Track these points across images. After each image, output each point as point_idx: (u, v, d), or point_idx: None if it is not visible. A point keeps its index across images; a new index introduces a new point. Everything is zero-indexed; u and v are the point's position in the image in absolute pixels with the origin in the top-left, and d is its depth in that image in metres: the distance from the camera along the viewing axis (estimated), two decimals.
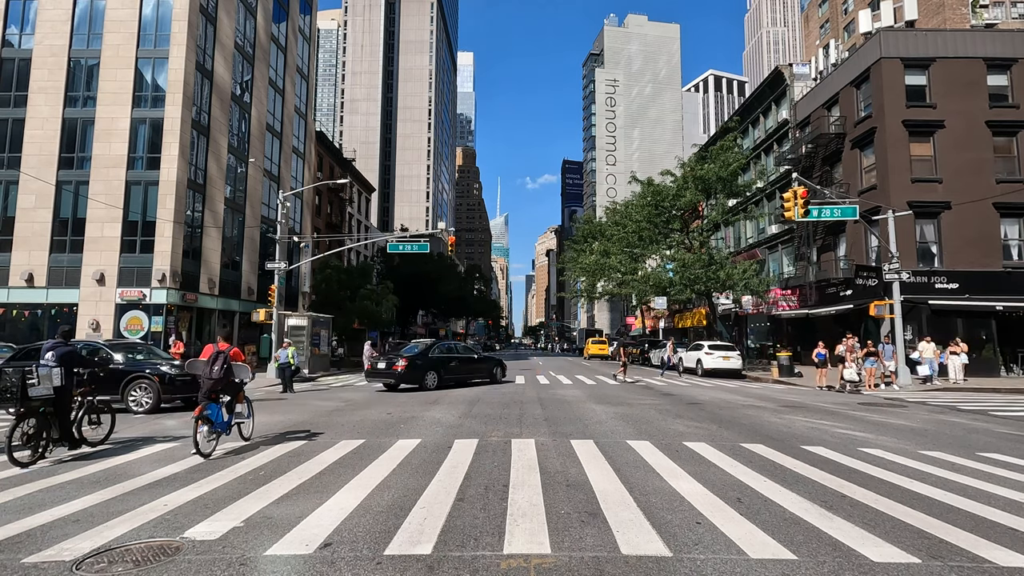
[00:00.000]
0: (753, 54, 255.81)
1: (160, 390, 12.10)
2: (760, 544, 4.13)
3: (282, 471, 6.49)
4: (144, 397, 12.08)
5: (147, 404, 12.00)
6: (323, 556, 3.91)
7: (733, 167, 28.60)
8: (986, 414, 12.33)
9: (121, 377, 12.11)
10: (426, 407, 12.71)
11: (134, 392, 12.11)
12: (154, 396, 12.07)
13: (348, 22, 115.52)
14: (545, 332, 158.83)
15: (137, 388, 12.14)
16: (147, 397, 12.07)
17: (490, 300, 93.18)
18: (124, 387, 12.08)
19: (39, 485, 5.93)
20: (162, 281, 26.06)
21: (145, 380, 12.16)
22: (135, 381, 12.15)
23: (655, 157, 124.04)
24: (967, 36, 26.59)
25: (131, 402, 12.05)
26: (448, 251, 45.63)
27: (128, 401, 12.04)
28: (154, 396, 12.07)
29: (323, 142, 49.03)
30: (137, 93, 27.54)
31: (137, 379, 12.17)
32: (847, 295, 26.56)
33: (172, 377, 12.35)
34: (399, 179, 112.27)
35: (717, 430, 9.51)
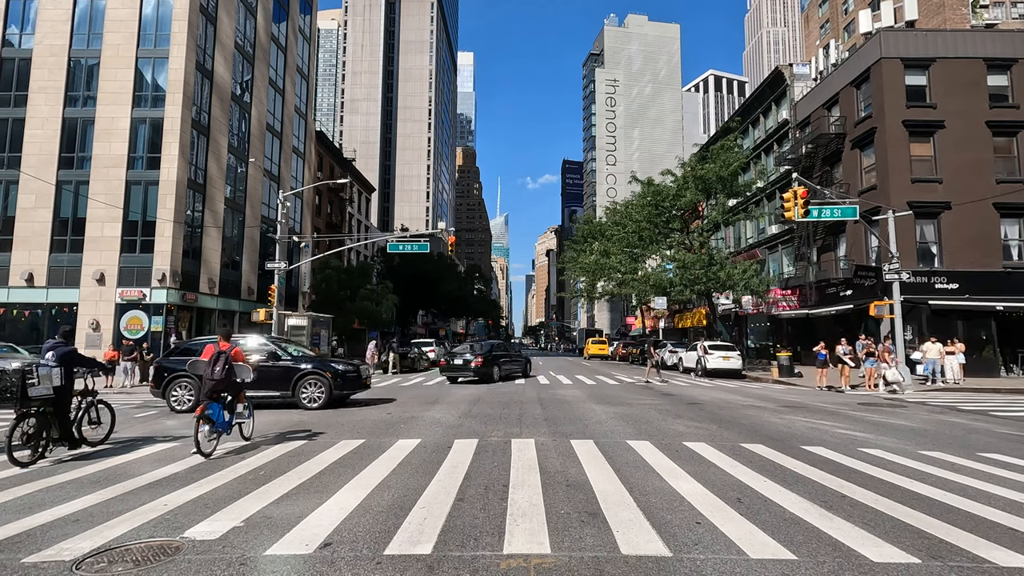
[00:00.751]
0: (753, 54, 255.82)
1: (332, 386, 12.18)
2: (760, 544, 4.13)
3: (282, 471, 6.49)
4: (316, 393, 12.16)
5: (319, 400, 12.08)
6: (323, 556, 3.91)
7: (733, 167, 28.59)
8: (986, 414, 12.32)
9: (292, 374, 12.21)
10: (426, 407, 12.70)
11: (305, 388, 12.19)
12: (326, 392, 12.14)
13: (348, 22, 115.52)
14: (545, 332, 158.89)
15: (309, 385, 12.22)
16: (319, 393, 12.15)
17: (490, 300, 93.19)
18: (295, 384, 12.16)
19: (39, 485, 5.93)
20: (162, 281, 26.06)
21: (317, 377, 12.20)
22: (307, 378, 12.22)
23: (655, 157, 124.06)
24: (967, 36, 26.58)
25: (303, 399, 12.13)
26: (448, 251, 45.65)
27: (300, 398, 12.12)
28: (326, 392, 12.14)
29: (323, 142, 49.03)
30: (137, 93, 27.55)
31: (309, 376, 12.23)
32: (847, 295, 26.56)
33: (342, 373, 12.46)
34: (399, 179, 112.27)
35: (717, 430, 9.51)
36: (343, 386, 12.42)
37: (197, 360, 8.14)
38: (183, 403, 12.00)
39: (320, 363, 12.59)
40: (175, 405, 12.04)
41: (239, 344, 11.89)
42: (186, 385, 12.06)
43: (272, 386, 12.15)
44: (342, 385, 12.38)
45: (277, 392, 12.17)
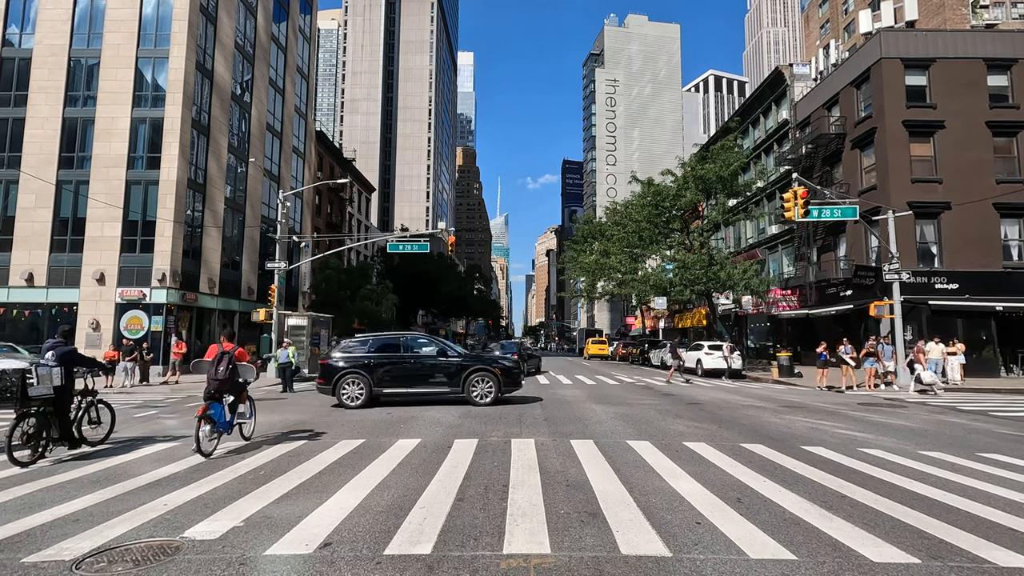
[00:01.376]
0: (753, 54, 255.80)
1: (501, 382, 12.30)
2: (760, 544, 4.13)
3: (282, 471, 6.49)
4: (486, 389, 12.30)
5: (489, 396, 12.23)
6: (323, 556, 3.92)
7: (733, 167, 28.59)
8: (986, 414, 12.33)
9: (463, 370, 12.37)
10: (426, 407, 12.70)
11: (475, 385, 12.31)
12: (495, 389, 12.26)
13: (348, 22, 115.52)
14: (545, 332, 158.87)
15: (479, 381, 12.35)
16: (488, 389, 12.28)
17: (490, 300, 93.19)
18: (465, 380, 12.33)
19: (39, 485, 5.93)
20: (162, 281, 26.06)
21: (487, 373, 12.31)
22: (476, 374, 12.34)
23: (655, 157, 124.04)
24: (967, 36, 26.58)
25: (474, 395, 12.26)
26: (448, 251, 45.67)
27: (471, 394, 12.25)
28: (495, 389, 12.26)
29: (323, 142, 49.04)
30: (137, 93, 27.53)
31: (479, 372, 12.35)
32: (847, 295, 26.56)
33: (509, 369, 12.65)
34: (399, 179, 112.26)
35: (717, 430, 9.51)
36: (509, 383, 12.65)
37: (200, 360, 8.15)
38: (355, 399, 12.22)
39: (489, 360, 12.90)
40: (347, 401, 12.25)
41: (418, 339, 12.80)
42: (356, 381, 12.27)
43: (442, 382, 12.45)
44: (508, 382, 12.60)
45: (447, 388, 12.43)
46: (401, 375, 12.46)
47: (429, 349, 12.96)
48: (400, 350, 12.89)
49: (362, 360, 12.47)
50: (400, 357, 12.72)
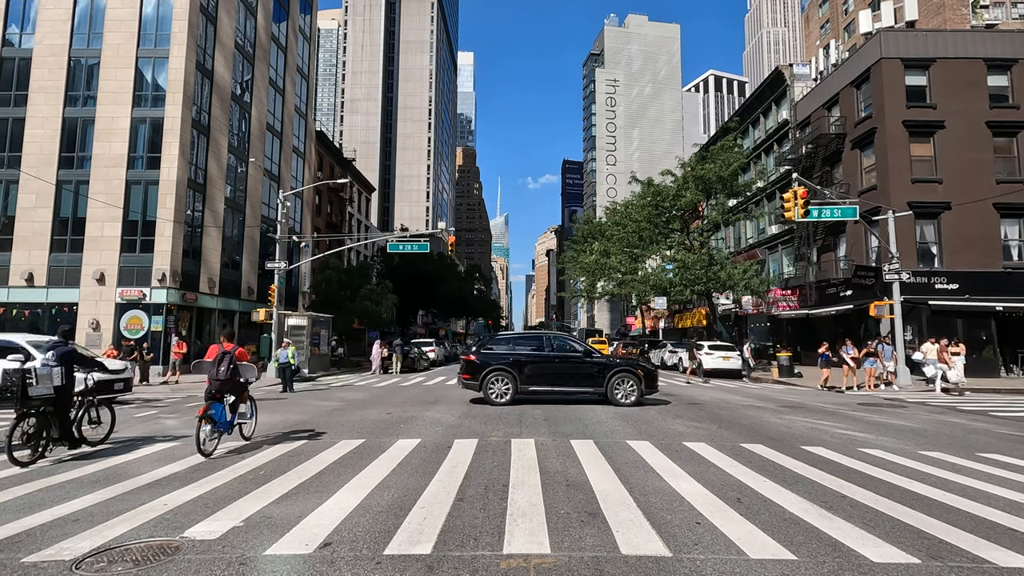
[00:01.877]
0: (753, 54, 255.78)
1: (643, 383, 12.45)
2: (760, 544, 4.14)
3: (282, 471, 6.49)
4: (628, 390, 12.38)
5: (632, 397, 12.30)
6: (323, 556, 3.92)
7: (733, 167, 28.59)
8: (986, 414, 12.33)
9: (606, 371, 12.48)
10: (426, 407, 12.71)
11: (618, 386, 12.39)
12: (638, 390, 12.36)
13: (348, 22, 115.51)
14: None
15: (621, 382, 12.42)
16: (631, 390, 12.37)
17: (490, 300, 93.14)
18: (608, 381, 12.43)
19: (39, 484, 5.93)
20: (162, 281, 26.06)
21: (629, 375, 12.43)
22: (619, 375, 12.44)
23: (655, 157, 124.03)
24: (967, 36, 26.59)
25: (617, 396, 12.33)
26: (448, 251, 45.65)
27: (614, 395, 12.33)
28: (638, 390, 12.36)
29: (323, 142, 49.03)
30: (137, 92, 27.53)
31: (621, 373, 12.46)
32: (847, 295, 26.56)
33: (651, 371, 12.87)
34: (399, 179, 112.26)
35: (717, 430, 9.51)
36: (650, 384, 12.76)
37: (201, 361, 8.15)
38: (502, 395, 12.38)
39: (630, 362, 13.12)
40: (494, 397, 12.39)
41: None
42: (502, 378, 12.44)
43: (585, 382, 12.59)
44: (649, 383, 12.70)
45: (590, 388, 12.57)
46: (546, 374, 12.69)
47: (573, 350, 13.22)
48: (545, 349, 13.13)
49: (508, 357, 12.74)
50: (545, 356, 12.96)
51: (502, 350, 12.93)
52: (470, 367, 12.90)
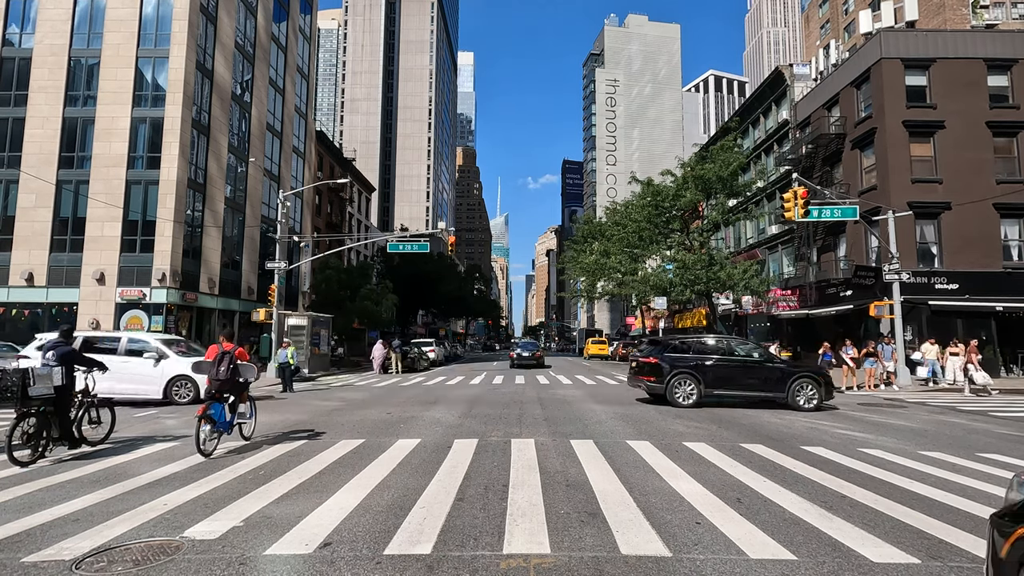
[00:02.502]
0: (753, 54, 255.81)
1: (824, 389, 12.54)
2: (760, 544, 4.14)
3: (282, 471, 6.49)
4: (811, 395, 12.48)
5: (813, 402, 12.44)
6: (323, 556, 3.92)
7: (733, 167, 28.59)
8: (986, 415, 12.33)
9: (788, 376, 12.60)
10: (426, 407, 12.71)
11: (800, 391, 12.49)
12: (819, 395, 12.47)
13: (348, 22, 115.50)
14: (545, 332, 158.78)
15: (803, 387, 12.52)
16: (812, 394, 12.48)
17: (490, 300, 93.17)
18: (790, 385, 12.53)
19: (39, 484, 5.93)
20: (162, 280, 26.06)
21: (810, 380, 12.58)
22: (801, 380, 12.57)
23: (655, 157, 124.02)
24: (967, 36, 26.58)
25: (799, 400, 12.45)
26: (448, 251, 45.65)
27: (795, 400, 12.44)
28: (819, 395, 12.47)
29: (323, 142, 49.02)
30: (137, 92, 27.54)
31: (804, 378, 12.61)
32: (847, 295, 26.56)
33: (831, 378, 12.96)
34: (399, 179, 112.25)
35: (717, 430, 9.51)
36: (829, 390, 12.81)
37: (201, 361, 8.16)
38: (687, 397, 12.49)
39: (812, 368, 13.36)
40: (680, 400, 12.48)
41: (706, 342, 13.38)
42: (687, 381, 12.57)
43: (767, 387, 12.69)
44: (828, 390, 12.76)
45: (772, 392, 12.64)
46: (728, 378, 12.78)
47: (753, 355, 13.37)
48: (726, 354, 13.25)
49: (691, 361, 12.85)
50: (728, 360, 13.08)
51: (687, 354, 13.08)
52: (654, 370, 12.98)
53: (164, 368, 13.79)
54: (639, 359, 13.67)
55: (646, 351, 13.77)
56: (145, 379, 13.58)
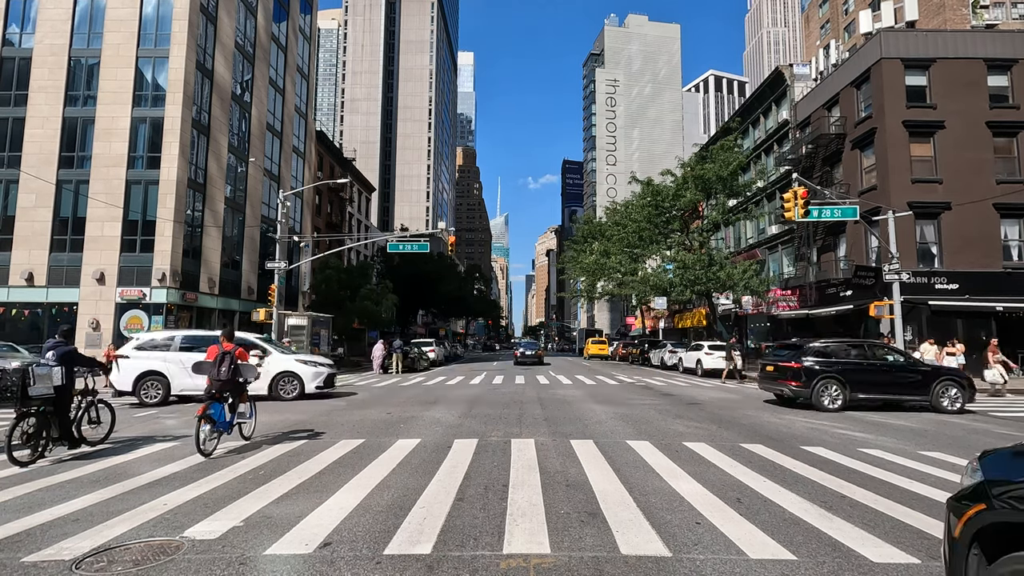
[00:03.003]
0: (753, 54, 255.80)
1: (967, 391, 12.58)
2: (760, 544, 4.13)
3: (282, 471, 6.49)
4: (953, 396, 12.53)
5: (957, 404, 12.50)
6: (323, 556, 3.92)
7: (733, 167, 28.59)
8: (986, 414, 12.33)
9: (931, 379, 12.69)
10: (426, 407, 12.71)
11: (944, 393, 12.53)
12: (962, 397, 12.53)
13: (348, 22, 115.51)
14: (545, 332, 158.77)
15: (947, 389, 12.58)
16: (956, 396, 12.53)
17: (490, 300, 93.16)
18: (934, 388, 12.58)
19: (38, 484, 5.93)
20: (162, 280, 26.06)
21: (954, 382, 12.65)
22: (944, 382, 12.67)
23: (655, 157, 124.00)
24: (967, 37, 26.57)
25: (942, 403, 12.50)
26: (448, 251, 45.65)
27: (938, 401, 12.49)
28: (962, 397, 12.53)
29: (323, 142, 49.02)
30: (137, 92, 27.54)
31: (947, 381, 12.70)
32: (847, 295, 26.56)
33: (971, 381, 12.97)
34: (399, 179, 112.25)
35: (717, 430, 9.51)
36: (972, 393, 12.85)
37: (201, 362, 8.16)
38: (833, 401, 12.52)
39: (953, 371, 13.33)
40: (826, 403, 12.50)
41: None
42: (833, 386, 12.57)
43: (910, 390, 12.75)
44: (972, 392, 12.81)
45: (916, 396, 12.68)
46: (872, 381, 12.82)
47: (894, 358, 13.47)
48: (868, 357, 13.30)
49: (836, 365, 12.84)
50: (871, 364, 13.13)
51: (831, 358, 13.04)
52: (798, 374, 12.89)
53: (269, 365, 14.08)
54: (778, 363, 13.55)
55: (786, 355, 13.60)
56: None
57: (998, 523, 2.32)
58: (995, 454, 2.71)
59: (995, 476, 2.47)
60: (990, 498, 2.37)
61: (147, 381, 13.27)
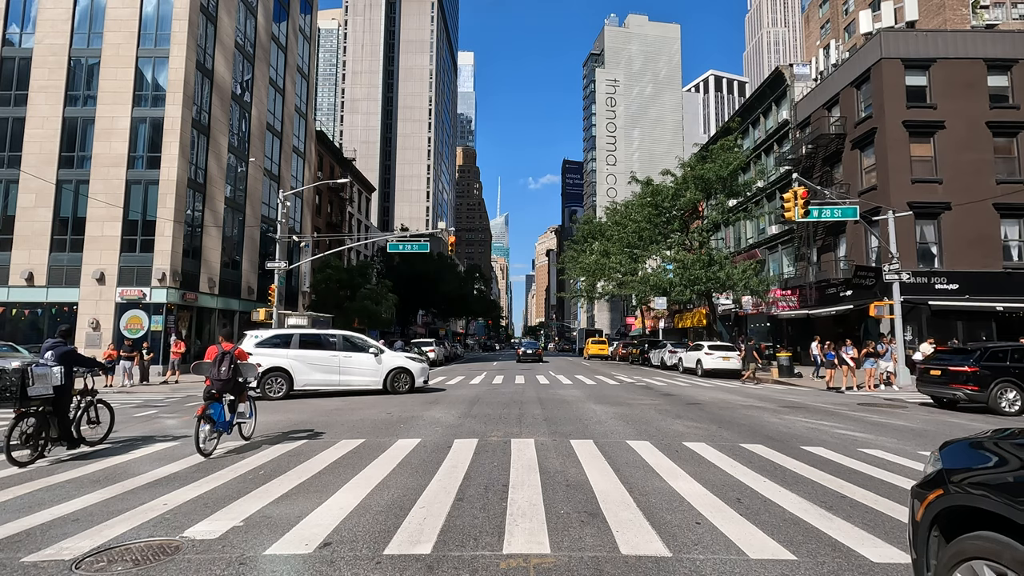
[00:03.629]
0: (753, 54, 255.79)
1: None
2: (760, 544, 4.13)
3: (282, 470, 6.49)
4: None
5: None
6: (323, 555, 3.91)
7: (733, 167, 28.59)
8: (986, 414, 12.33)
9: None
10: (426, 407, 12.71)
11: None
12: None
13: (349, 22, 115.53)
14: (545, 332, 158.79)
15: None
16: None
17: (490, 300, 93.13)
18: None
19: (38, 484, 5.93)
20: (162, 280, 26.06)
21: None
22: None
23: (655, 157, 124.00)
24: (967, 37, 26.58)
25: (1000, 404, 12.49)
26: (448, 251, 45.67)
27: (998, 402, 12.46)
28: None
29: (323, 141, 49.03)
30: (137, 92, 27.53)
31: None
32: (847, 295, 26.56)
33: None
34: (399, 179, 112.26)
35: (717, 430, 9.51)
36: None
37: (201, 363, 8.16)
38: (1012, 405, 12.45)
39: None
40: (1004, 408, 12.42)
41: None
42: (1010, 389, 12.49)
43: None
44: None
45: None
46: None
47: None
48: None
49: (1015, 369, 12.75)
50: None
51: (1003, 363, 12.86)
52: (972, 378, 12.79)
53: (384, 361, 15.49)
54: (949, 367, 13.40)
55: (958, 360, 13.42)
56: (368, 372, 15.35)
57: (954, 507, 2.53)
58: (954, 444, 2.89)
59: (952, 465, 2.69)
60: (947, 484, 2.58)
61: (270, 377, 13.97)
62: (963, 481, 2.53)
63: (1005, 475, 2.41)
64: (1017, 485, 2.29)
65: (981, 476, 2.50)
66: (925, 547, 2.66)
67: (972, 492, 2.45)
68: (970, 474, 2.55)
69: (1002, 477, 2.41)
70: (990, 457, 2.61)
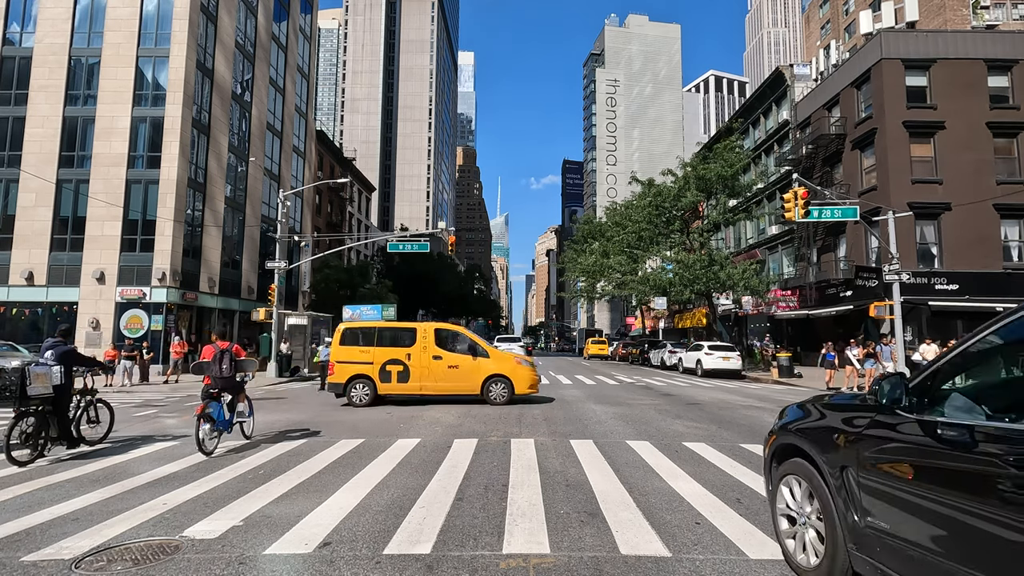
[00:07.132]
0: (754, 55, 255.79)
1: None
2: (759, 544, 4.13)
3: (282, 470, 6.49)
4: None
5: None
6: (322, 555, 3.91)
7: (736, 167, 28.58)
8: None
9: None
10: (426, 407, 12.70)
11: None
12: None
13: (349, 21, 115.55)
14: (545, 332, 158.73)
15: None
16: None
17: (490, 300, 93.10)
18: None
19: (38, 484, 5.93)
20: (162, 280, 26.06)
21: None
22: None
23: (655, 157, 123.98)
24: (968, 37, 26.58)
25: None
26: (448, 251, 45.66)
27: None
28: None
29: (323, 141, 49.02)
30: (138, 92, 27.52)
31: None
32: (847, 296, 26.56)
33: None
34: (399, 178, 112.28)
35: (717, 430, 9.51)
36: None
37: (201, 362, 8.16)
38: None
39: None
40: None
41: None
42: None
43: None
44: None
45: None
46: None
47: None
48: None
49: None
50: None
51: None
52: None
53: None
54: None
55: None
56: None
57: (781, 444, 3.74)
58: (789, 406, 3.95)
59: (784, 420, 3.85)
60: (779, 432, 3.81)
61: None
62: (785, 428, 3.72)
63: (807, 424, 3.53)
64: (810, 430, 3.45)
65: (795, 425, 3.63)
66: (768, 473, 3.90)
67: (790, 434, 3.62)
68: (791, 423, 3.69)
69: (805, 424, 3.54)
70: (803, 413, 3.66)
